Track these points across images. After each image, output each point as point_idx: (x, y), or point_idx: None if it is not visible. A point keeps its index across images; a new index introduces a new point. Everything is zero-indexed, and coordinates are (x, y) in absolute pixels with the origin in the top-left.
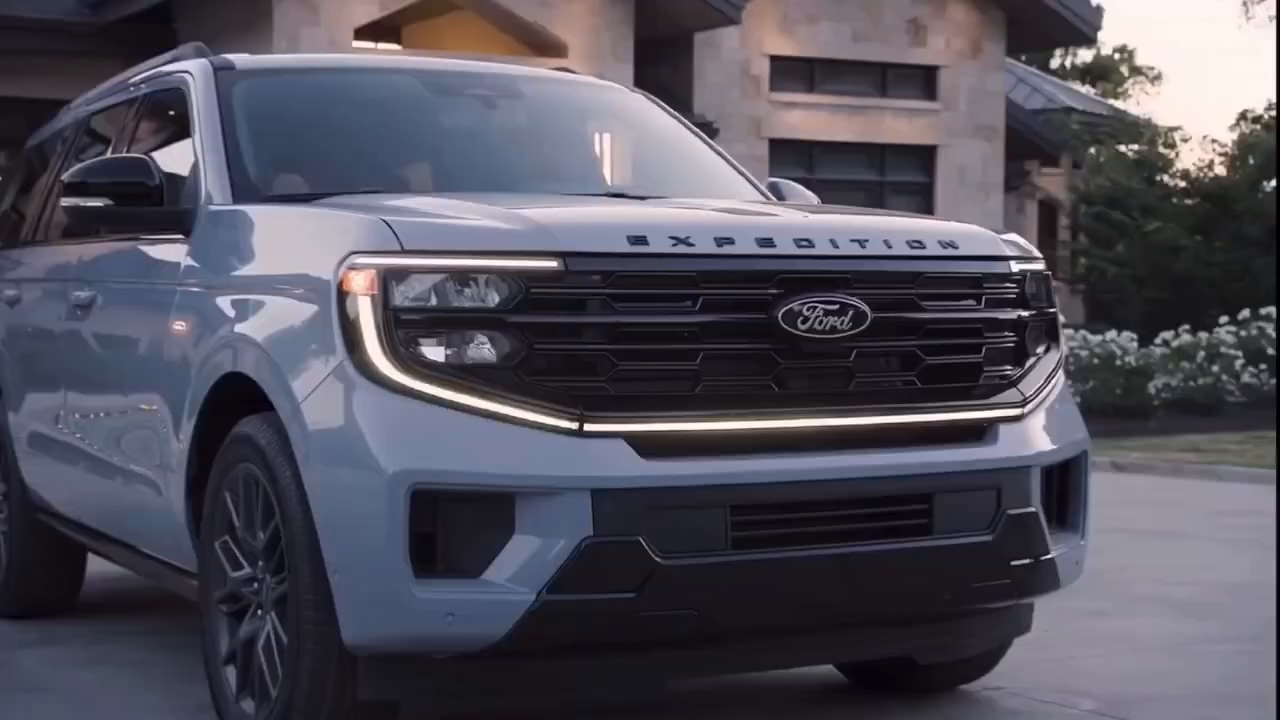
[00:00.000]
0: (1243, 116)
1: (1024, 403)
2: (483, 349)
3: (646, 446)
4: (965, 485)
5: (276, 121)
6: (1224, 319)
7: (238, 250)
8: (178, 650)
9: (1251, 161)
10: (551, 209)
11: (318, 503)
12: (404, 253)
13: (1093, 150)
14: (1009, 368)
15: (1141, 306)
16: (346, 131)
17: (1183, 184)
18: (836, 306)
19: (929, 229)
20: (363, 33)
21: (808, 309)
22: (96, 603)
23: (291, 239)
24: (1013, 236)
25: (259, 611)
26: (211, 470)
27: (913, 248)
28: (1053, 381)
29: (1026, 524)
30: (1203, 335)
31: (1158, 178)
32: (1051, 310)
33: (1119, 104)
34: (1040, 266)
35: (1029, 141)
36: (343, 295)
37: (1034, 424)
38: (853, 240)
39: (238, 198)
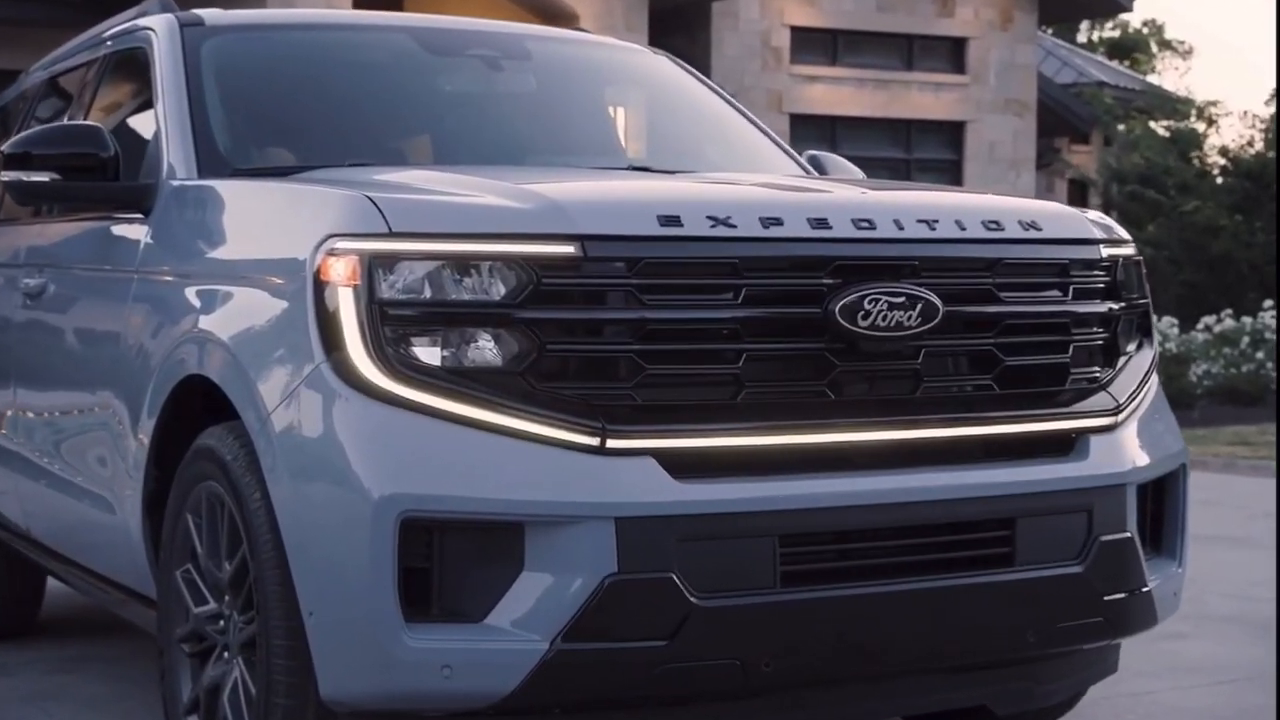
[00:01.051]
0: (1278, 93)
1: (1117, 409)
2: (486, 350)
3: (680, 466)
4: (1052, 508)
5: (251, 85)
6: (1267, 303)
7: (203, 232)
8: (146, 684)
9: None
10: (566, 184)
11: (290, 531)
12: (392, 235)
13: (1123, 127)
14: (1099, 369)
15: (1178, 290)
16: (331, 96)
17: (1223, 161)
18: (903, 299)
19: (1007, 207)
20: (362, 3)
21: (869, 302)
22: (59, 623)
23: (262, 219)
24: (1099, 216)
25: (225, 654)
26: (172, 487)
27: (990, 229)
28: (1147, 384)
29: (1121, 552)
30: (1246, 320)
31: (1194, 155)
32: (1144, 301)
33: (1151, 79)
34: (1132, 251)
35: (1059, 117)
36: (320, 285)
37: (1128, 434)
38: (920, 221)
39: (204, 171)
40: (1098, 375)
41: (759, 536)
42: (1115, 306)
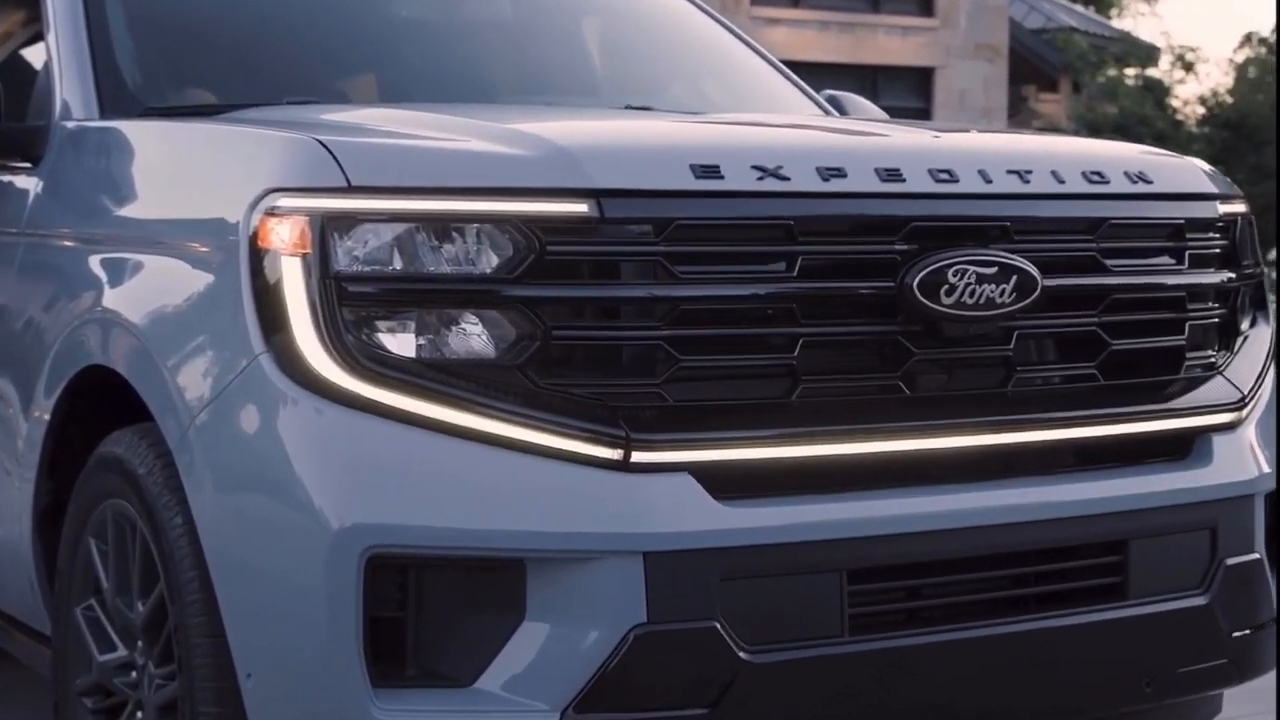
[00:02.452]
0: (1248, 39)
1: (1241, 403)
2: (474, 338)
3: (723, 483)
4: (1170, 526)
5: (166, 6)
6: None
7: (107, 185)
8: None
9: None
10: (572, 125)
11: (221, 568)
12: (351, 190)
13: (1101, 75)
14: (1214, 353)
15: None
16: (265, 21)
17: (1202, 110)
18: (994, 269)
19: (1109, 154)
20: None
21: (954, 273)
22: None
23: (182, 170)
24: (1206, 167)
25: (139, 716)
26: (69, 503)
27: (1092, 182)
28: (1268, 370)
29: (1250, 577)
30: None
31: (1170, 104)
32: (1258, 271)
33: (1114, 24)
34: (1245, 208)
35: (1028, 64)
36: (257, 254)
37: (1251, 432)
38: (1010, 172)
39: (108, 111)
40: (1214, 360)
41: (822, 572)
42: (1233, 275)
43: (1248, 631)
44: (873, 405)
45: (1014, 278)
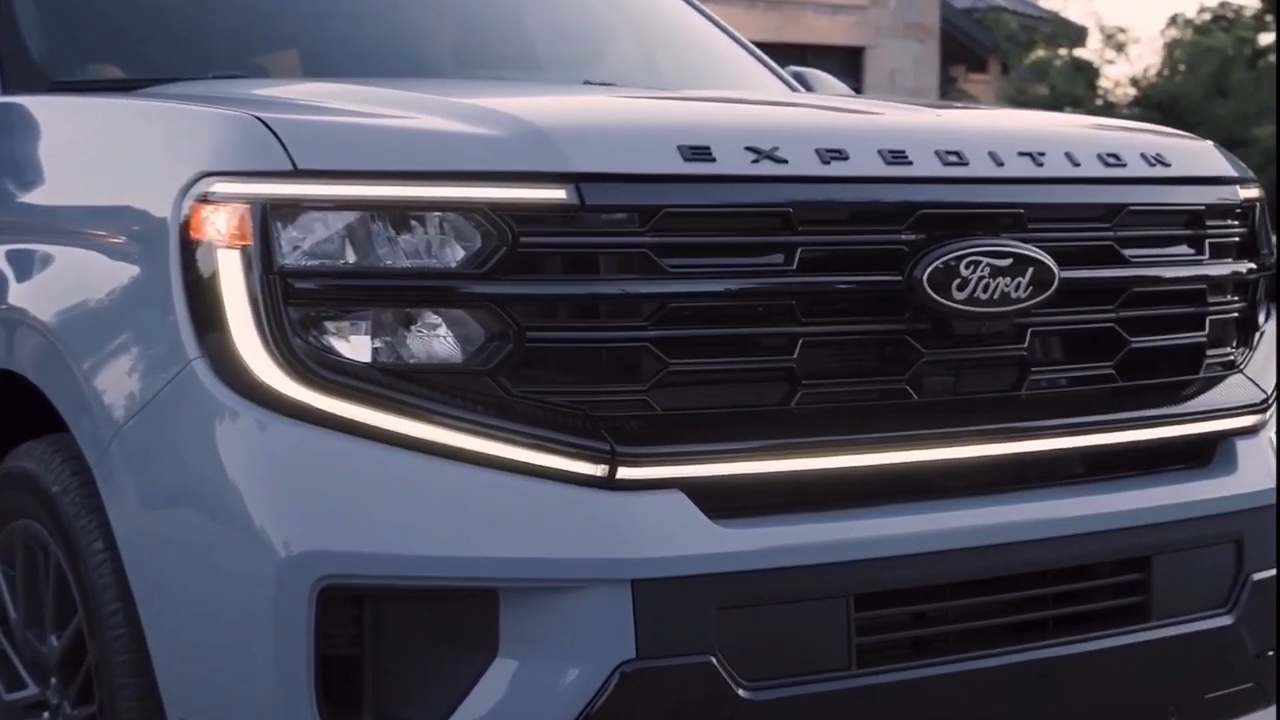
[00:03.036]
0: (1173, 21)
1: (1264, 404)
2: (437, 340)
3: (718, 501)
4: (1195, 539)
5: None
6: None
7: (9, 167)
8: None
9: (1189, 67)
10: (544, 101)
11: (150, 601)
12: (297, 174)
13: (1030, 55)
14: (1233, 349)
15: None
16: None
17: (1133, 92)
18: (1009, 261)
19: (1123, 136)
20: None
21: (966, 266)
22: None
23: (100, 151)
24: (1218, 147)
25: None
26: None
27: (1108, 165)
28: None
29: (1276, 593)
30: None
31: (1100, 85)
32: (1274, 259)
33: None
34: (1259, 192)
35: (958, 44)
36: (189, 247)
37: (1272, 435)
38: (1022, 154)
39: (10, 85)
40: (1233, 358)
41: (828, 598)
42: (1253, 266)
43: (1273, 652)
44: (878, 412)
45: (1030, 270)
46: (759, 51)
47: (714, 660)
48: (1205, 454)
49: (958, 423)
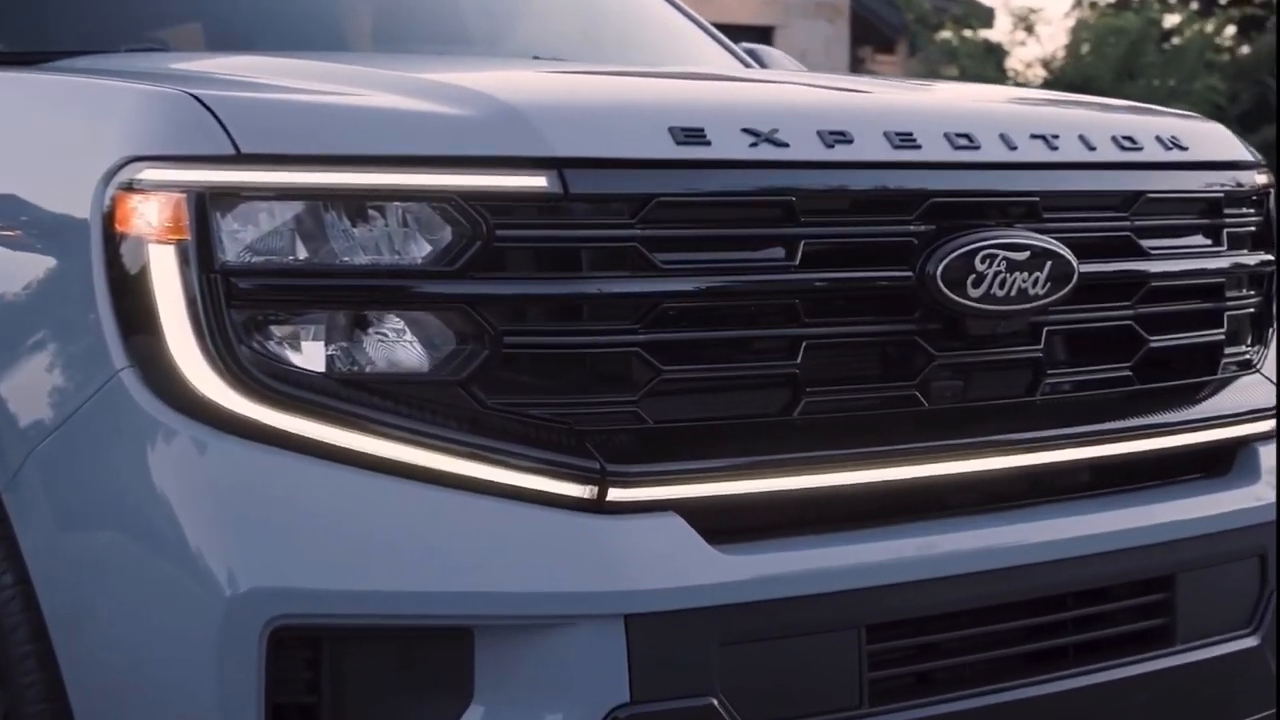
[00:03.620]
0: (1078, 2)
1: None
2: (401, 347)
3: (717, 524)
4: (1218, 555)
5: None
6: None
7: None
8: None
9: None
10: (514, 77)
11: (70, 646)
12: (240, 159)
13: (938, 36)
14: (1248, 347)
15: None
16: None
17: (1044, 74)
18: (1026, 254)
19: (1137, 118)
20: None
21: (982, 259)
22: None
23: (5, 132)
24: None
25: None
26: None
27: (1124, 149)
28: None
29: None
30: None
31: (1009, 67)
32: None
33: None
34: (1271, 179)
35: (867, 24)
36: (114, 241)
37: None
38: (1035, 136)
39: None
40: (1249, 356)
41: (837, 630)
42: (1269, 257)
43: None
44: (885, 421)
45: (1048, 264)
46: (708, 24)
47: (716, 702)
48: (1225, 461)
49: (971, 432)
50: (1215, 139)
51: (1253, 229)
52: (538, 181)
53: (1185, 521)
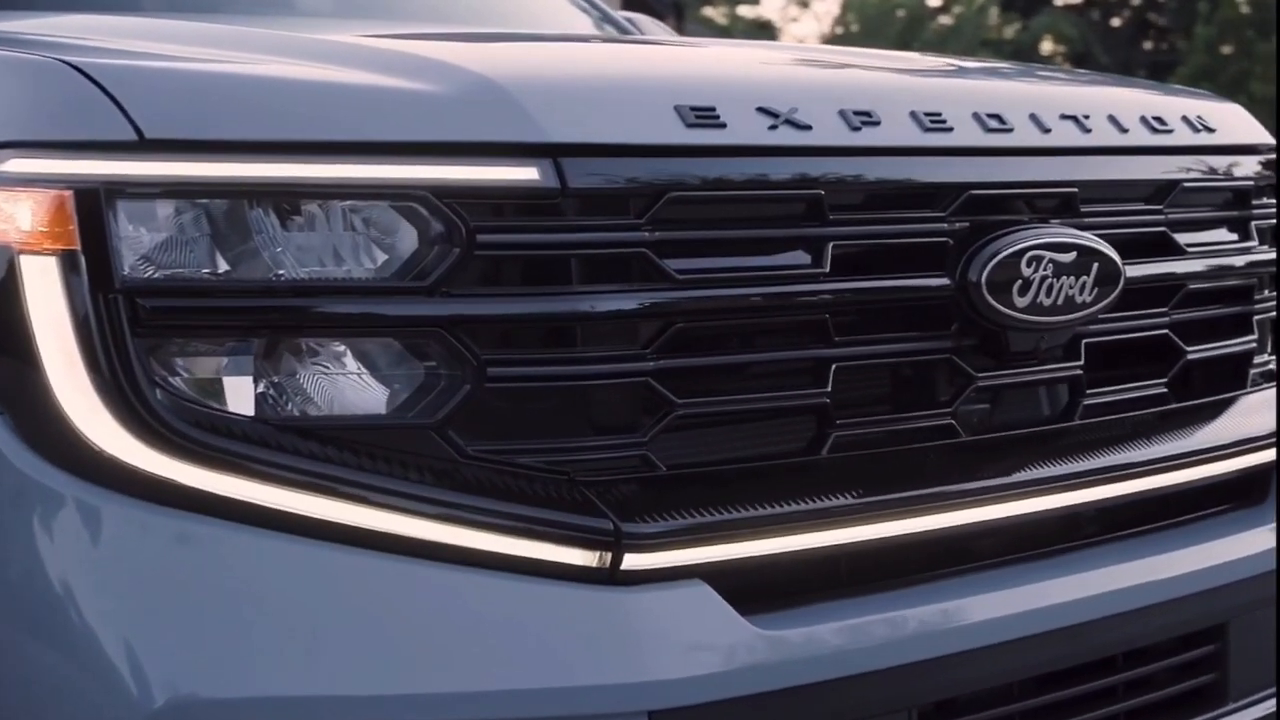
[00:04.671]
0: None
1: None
2: (358, 383)
3: (746, 590)
4: (1269, 597)
5: None
6: None
7: None
8: None
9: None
10: (474, 44)
11: None
12: (144, 147)
13: (710, 11)
14: (1270, 355)
15: None
16: None
17: None
18: (1073, 256)
19: (1162, 99)
20: None
21: (1028, 262)
22: None
23: None
24: None
25: None
26: None
27: (1156, 131)
28: None
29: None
30: None
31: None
32: None
33: None
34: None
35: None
36: None
37: None
38: (1065, 117)
39: None
40: (1270, 365)
41: (890, 713)
42: None
43: None
44: (918, 457)
45: (1094, 266)
46: None
47: None
48: (1261, 488)
49: (1012, 467)
50: (1237, 120)
51: (1272, 218)
52: (527, 174)
53: (1237, 561)
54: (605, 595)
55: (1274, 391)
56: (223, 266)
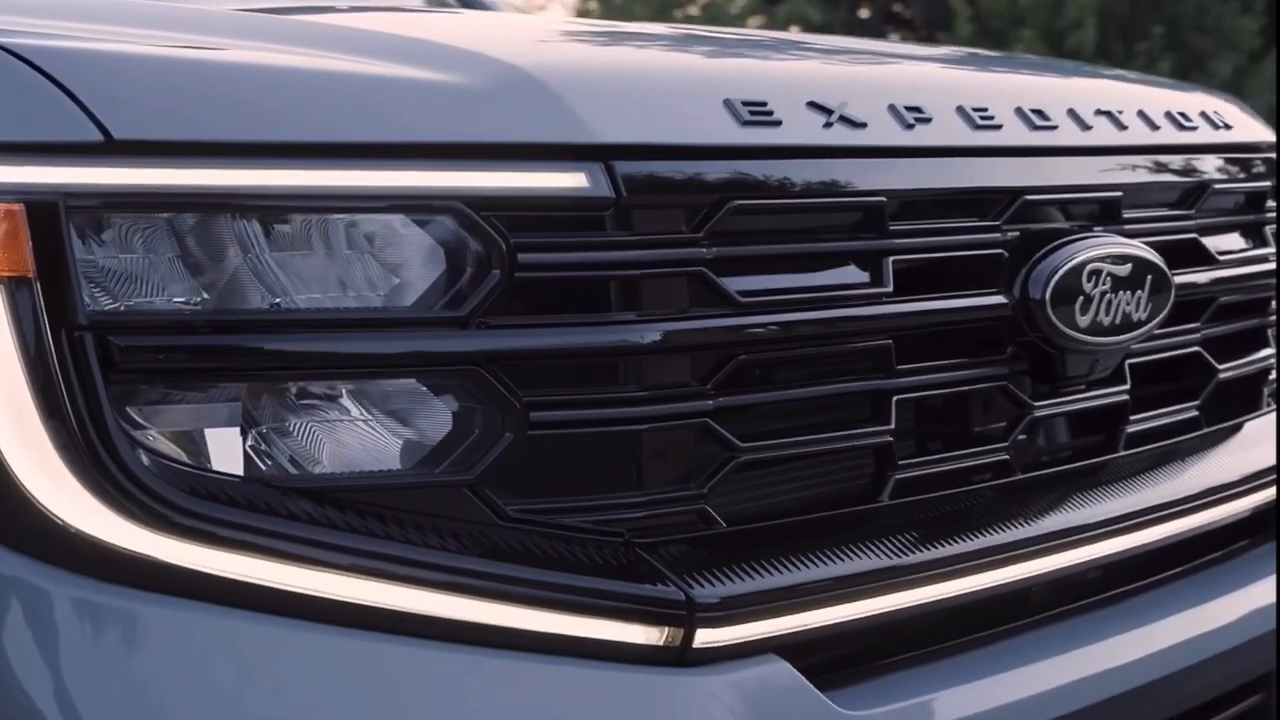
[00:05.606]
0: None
1: None
2: (379, 433)
3: (822, 664)
4: None
5: None
6: None
7: None
8: None
9: None
10: (489, 29)
11: None
12: (111, 150)
13: None
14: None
15: None
16: None
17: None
18: (1129, 268)
19: (1178, 94)
20: None
21: (1088, 277)
22: None
23: None
24: None
25: None
26: None
27: (1184, 129)
28: None
29: None
30: None
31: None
32: None
33: None
34: None
35: None
36: None
37: None
38: (1100, 112)
39: None
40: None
41: None
42: None
43: None
44: (973, 500)
45: (1148, 279)
46: None
47: None
48: (1271, 520)
49: (1071, 507)
50: (1244, 116)
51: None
52: (575, 180)
53: (1271, 606)
54: (674, 680)
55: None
56: (212, 296)
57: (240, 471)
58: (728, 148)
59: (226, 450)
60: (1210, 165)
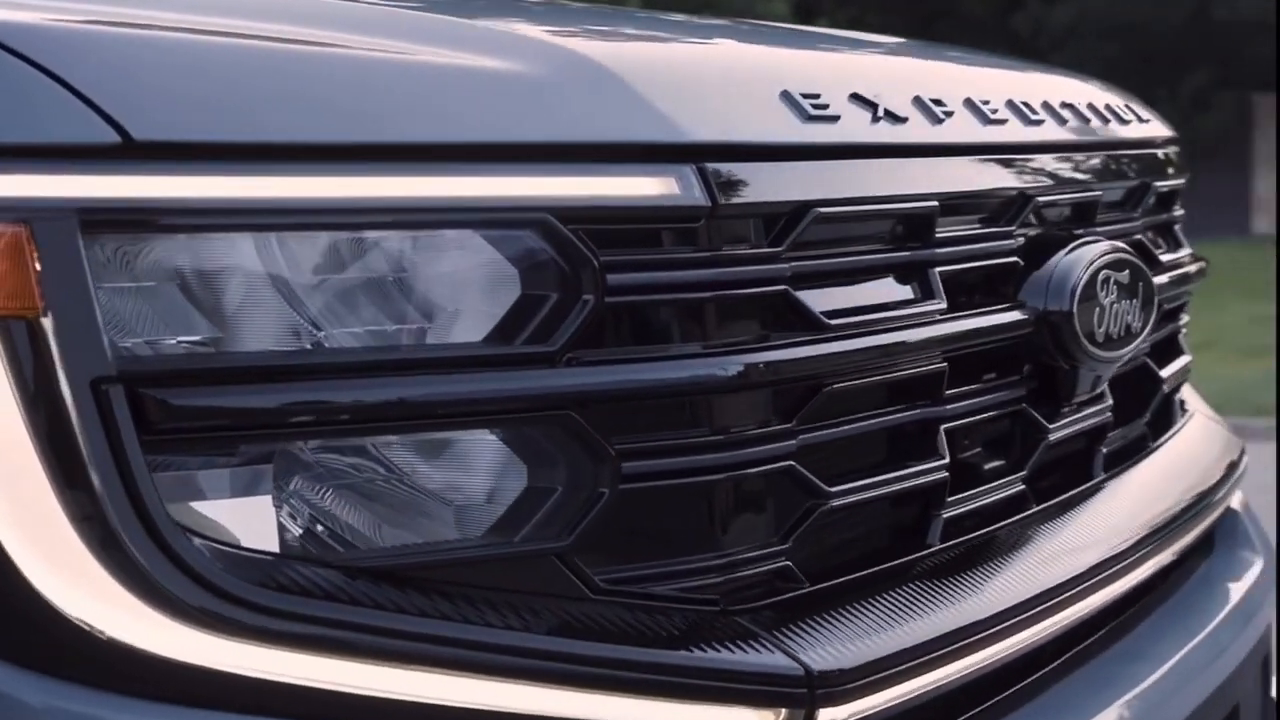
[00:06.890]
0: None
1: (1241, 456)
2: (454, 497)
3: None
4: (1263, 664)
5: None
6: None
7: None
8: None
9: None
10: (556, 20)
11: None
12: (133, 153)
13: None
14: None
15: None
16: None
17: None
18: (1128, 274)
19: (1092, 85)
20: None
21: (1101, 285)
22: None
23: None
24: None
25: None
26: None
27: (1124, 123)
28: None
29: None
30: None
31: None
32: None
33: None
34: None
35: None
36: None
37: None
38: (1065, 105)
39: None
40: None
41: None
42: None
43: None
44: (1003, 538)
45: (1140, 285)
46: None
47: None
48: (1208, 538)
49: (1083, 541)
50: (1147, 111)
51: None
52: (665, 186)
53: (1244, 633)
54: None
55: (1206, 419)
56: (264, 336)
57: (309, 552)
58: (806, 147)
59: (288, 526)
60: (1147, 164)
